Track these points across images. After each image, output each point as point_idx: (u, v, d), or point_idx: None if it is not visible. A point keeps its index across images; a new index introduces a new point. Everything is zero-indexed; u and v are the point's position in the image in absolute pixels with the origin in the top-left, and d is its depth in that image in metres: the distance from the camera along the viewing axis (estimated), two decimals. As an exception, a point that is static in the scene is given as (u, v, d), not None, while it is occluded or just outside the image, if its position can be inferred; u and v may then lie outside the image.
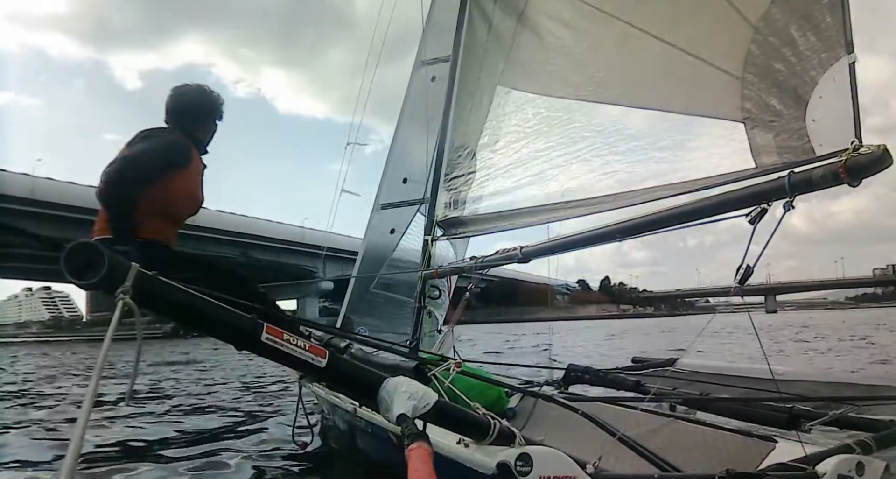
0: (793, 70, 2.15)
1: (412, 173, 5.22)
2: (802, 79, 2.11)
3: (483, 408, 1.74)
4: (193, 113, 2.65)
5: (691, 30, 2.56)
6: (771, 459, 2.06)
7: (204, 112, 2.70)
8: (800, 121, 2.12)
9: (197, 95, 2.70)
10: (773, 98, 2.23)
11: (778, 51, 2.21)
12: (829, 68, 2.02)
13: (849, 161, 1.83)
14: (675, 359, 3.76)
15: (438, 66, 4.94)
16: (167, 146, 2.45)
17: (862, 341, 14.97)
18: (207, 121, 2.72)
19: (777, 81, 2.21)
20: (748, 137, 2.30)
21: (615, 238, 2.75)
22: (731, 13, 2.34)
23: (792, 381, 2.93)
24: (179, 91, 2.66)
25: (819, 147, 2.05)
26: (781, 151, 2.18)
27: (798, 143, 2.12)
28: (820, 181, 1.90)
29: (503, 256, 3.36)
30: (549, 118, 3.33)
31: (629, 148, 2.89)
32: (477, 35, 3.86)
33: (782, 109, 2.19)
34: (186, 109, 2.63)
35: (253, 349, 1.41)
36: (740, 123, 2.33)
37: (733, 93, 2.35)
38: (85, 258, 1.14)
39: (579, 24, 3.13)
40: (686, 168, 2.58)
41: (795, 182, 1.95)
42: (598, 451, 1.94)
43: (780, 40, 2.20)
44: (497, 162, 3.69)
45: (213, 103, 2.74)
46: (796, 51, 2.14)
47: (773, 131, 2.22)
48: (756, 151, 2.27)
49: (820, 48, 2.06)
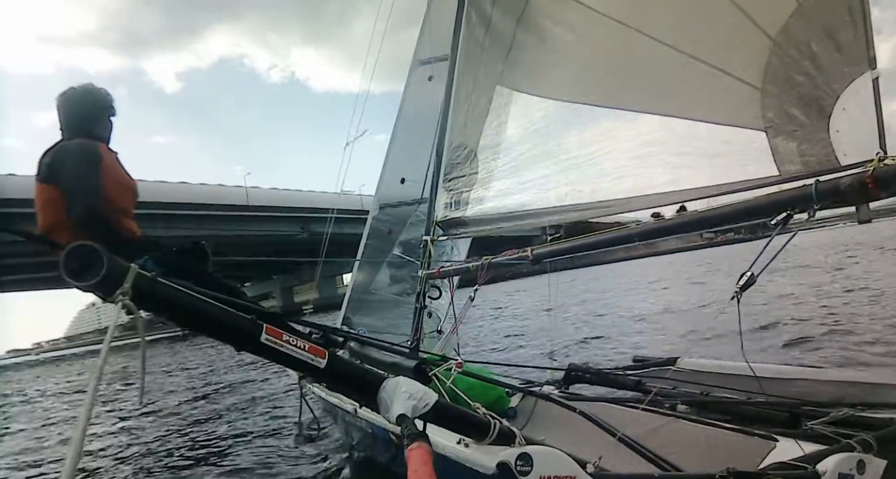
0: (814, 83, 2.14)
1: (410, 173, 5.22)
2: (824, 91, 2.10)
3: (483, 408, 1.74)
4: (85, 115, 2.59)
5: (706, 40, 2.54)
6: (772, 458, 2.06)
7: (96, 111, 2.64)
8: (823, 132, 2.11)
9: (84, 98, 2.63)
10: (795, 109, 2.22)
11: (798, 63, 2.20)
12: (852, 82, 2.02)
13: (877, 170, 1.83)
14: (676, 358, 3.76)
15: (436, 65, 4.93)
16: (83, 157, 2.40)
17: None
18: (102, 119, 2.67)
19: (798, 93, 2.20)
20: (770, 145, 2.29)
21: (632, 241, 2.74)
22: (748, 25, 2.32)
23: (792, 380, 2.93)
24: (65, 97, 2.60)
25: (843, 157, 2.05)
26: (805, 160, 2.18)
27: (822, 152, 2.12)
28: (847, 190, 1.89)
29: (513, 257, 3.32)
30: (556, 121, 3.29)
31: (644, 153, 2.86)
32: (475, 35, 3.85)
33: (805, 119, 2.19)
34: (77, 113, 2.57)
35: (252, 350, 1.40)
36: (762, 132, 2.32)
37: (753, 103, 2.34)
38: (83, 260, 1.14)
39: (584, 29, 3.10)
40: (705, 174, 2.55)
41: (822, 190, 1.94)
42: (599, 451, 1.94)
43: (800, 53, 2.19)
44: (501, 163, 3.66)
45: (102, 101, 2.68)
46: (817, 64, 2.14)
47: (795, 140, 2.22)
48: (780, 159, 2.27)
49: (842, 62, 2.05)
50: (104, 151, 2.54)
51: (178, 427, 5.56)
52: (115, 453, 4.58)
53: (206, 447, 4.55)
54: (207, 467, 3.98)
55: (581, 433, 2.33)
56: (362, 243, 5.50)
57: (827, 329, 6.76)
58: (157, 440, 5.03)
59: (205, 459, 4.18)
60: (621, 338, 8.48)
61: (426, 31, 5.19)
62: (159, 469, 3.99)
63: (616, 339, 8.42)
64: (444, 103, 4.03)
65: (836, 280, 12.03)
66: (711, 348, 5.68)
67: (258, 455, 4.15)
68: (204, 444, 4.69)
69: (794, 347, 6.08)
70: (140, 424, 5.95)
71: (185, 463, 4.10)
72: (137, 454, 4.51)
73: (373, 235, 5.44)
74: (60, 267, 1.14)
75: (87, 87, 2.68)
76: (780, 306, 8.91)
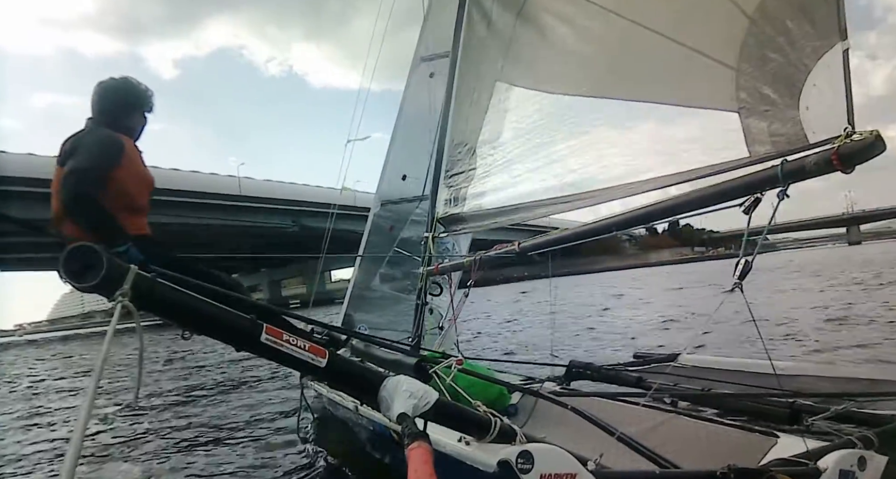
0: (787, 59, 2.15)
1: (411, 170, 5.21)
2: (797, 67, 2.11)
3: (484, 406, 1.74)
4: (119, 108, 2.58)
5: (689, 23, 2.56)
6: (773, 454, 2.06)
7: (130, 105, 2.63)
8: (793, 109, 2.12)
9: (122, 90, 2.61)
10: (768, 87, 2.22)
11: (773, 40, 2.20)
12: (823, 56, 2.02)
13: (841, 148, 1.82)
14: (677, 354, 3.76)
15: (437, 62, 4.92)
16: (100, 144, 2.39)
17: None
18: (135, 113, 2.65)
19: (772, 71, 2.21)
20: (742, 126, 2.30)
21: (611, 231, 2.78)
22: (727, 5, 2.34)
23: (793, 376, 2.93)
24: (104, 86, 2.58)
25: (812, 135, 2.04)
26: (775, 140, 2.18)
27: (791, 130, 2.12)
28: (813, 169, 1.89)
29: (501, 251, 3.37)
30: (549, 114, 3.32)
31: (628, 141, 2.89)
32: (476, 31, 3.84)
33: (776, 97, 2.19)
34: (112, 104, 2.56)
35: (253, 350, 1.40)
36: (735, 113, 2.33)
37: (728, 83, 2.34)
38: (83, 261, 1.14)
39: (580, 20, 3.12)
40: (684, 159, 2.58)
41: (788, 170, 1.94)
42: (600, 448, 1.94)
43: (775, 30, 2.20)
44: (497, 158, 3.68)
45: (137, 96, 2.65)
46: (791, 40, 2.14)
47: (766, 120, 2.22)
48: (750, 140, 2.27)
49: (814, 36, 2.06)
50: (127, 142, 2.51)
51: (173, 425, 5.57)
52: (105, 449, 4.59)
53: (204, 445, 4.56)
54: (205, 466, 3.98)
55: (582, 431, 2.33)
56: (363, 240, 5.50)
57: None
58: (151, 438, 5.04)
59: (203, 457, 4.18)
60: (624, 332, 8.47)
61: (427, 29, 5.18)
62: (156, 469, 4.00)
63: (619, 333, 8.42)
64: (445, 100, 4.03)
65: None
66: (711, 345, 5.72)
67: (257, 453, 4.16)
68: (201, 442, 4.70)
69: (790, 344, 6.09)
70: (132, 420, 5.96)
71: (181, 462, 4.11)
72: (130, 453, 4.51)
73: (374, 232, 5.45)
74: (60, 268, 1.14)
75: (125, 79, 2.66)
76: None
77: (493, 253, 3.43)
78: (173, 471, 3.92)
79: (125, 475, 3.95)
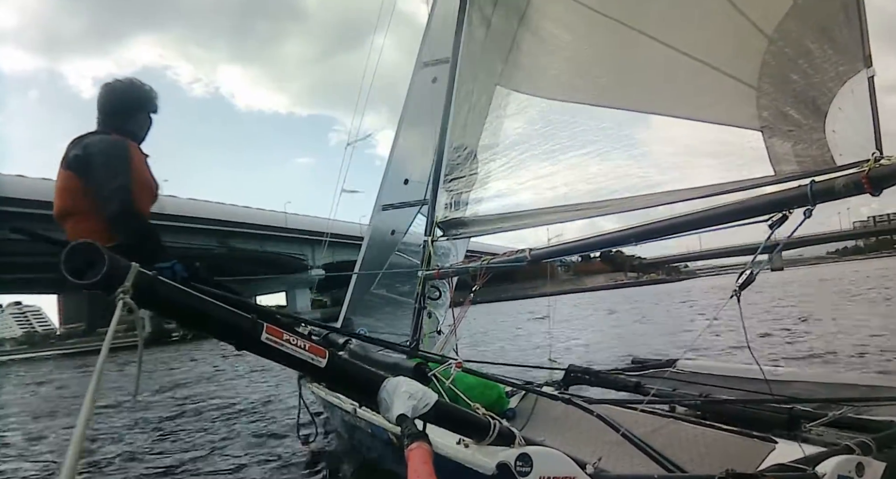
0: (810, 81, 2.15)
1: (413, 174, 5.23)
2: (820, 90, 2.11)
3: (483, 408, 1.74)
4: (125, 109, 2.54)
5: (702, 38, 2.54)
6: (771, 460, 2.05)
7: (135, 106, 2.59)
8: (819, 132, 2.12)
9: (127, 91, 2.58)
10: (791, 108, 2.22)
11: (794, 62, 2.20)
12: (847, 81, 2.02)
13: (872, 171, 1.84)
14: (676, 360, 3.76)
15: (439, 67, 4.94)
16: (108, 153, 2.36)
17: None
18: (140, 115, 2.61)
19: (794, 92, 2.21)
20: (766, 145, 2.30)
21: (630, 242, 2.73)
22: (743, 23, 2.32)
23: (791, 382, 2.93)
24: (108, 88, 2.55)
25: (839, 157, 2.06)
26: (800, 160, 2.19)
27: (817, 152, 2.13)
28: (842, 190, 1.90)
29: (511, 258, 3.31)
30: (553, 121, 3.30)
31: (640, 153, 2.86)
32: (476, 36, 3.86)
33: (800, 119, 2.19)
34: (117, 105, 2.52)
35: (253, 349, 1.40)
36: (758, 132, 2.32)
37: (749, 102, 2.34)
38: (84, 258, 1.14)
39: (584, 29, 3.10)
40: (702, 174, 2.56)
41: (818, 191, 1.95)
42: (599, 451, 1.94)
43: (795, 52, 2.19)
44: (499, 163, 3.67)
45: (145, 97, 2.62)
46: (813, 62, 2.14)
47: (791, 140, 2.22)
48: (775, 159, 2.27)
49: (837, 61, 2.05)
50: (133, 149, 2.50)
51: (170, 428, 5.55)
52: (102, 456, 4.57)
53: (203, 448, 4.55)
54: (204, 468, 3.97)
55: (580, 434, 2.33)
56: (363, 249, 5.54)
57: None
58: (149, 442, 5.02)
59: (201, 459, 4.17)
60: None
61: (429, 33, 5.21)
62: (154, 472, 3.98)
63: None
64: (446, 104, 4.04)
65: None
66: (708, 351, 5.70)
67: (256, 456, 4.15)
68: (200, 445, 4.68)
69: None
70: (129, 424, 5.94)
71: (180, 465, 4.10)
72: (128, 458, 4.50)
73: (374, 236, 5.46)
74: (61, 265, 1.14)
75: (130, 81, 2.63)
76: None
77: (501, 259, 3.38)
78: (171, 471, 3.91)
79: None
